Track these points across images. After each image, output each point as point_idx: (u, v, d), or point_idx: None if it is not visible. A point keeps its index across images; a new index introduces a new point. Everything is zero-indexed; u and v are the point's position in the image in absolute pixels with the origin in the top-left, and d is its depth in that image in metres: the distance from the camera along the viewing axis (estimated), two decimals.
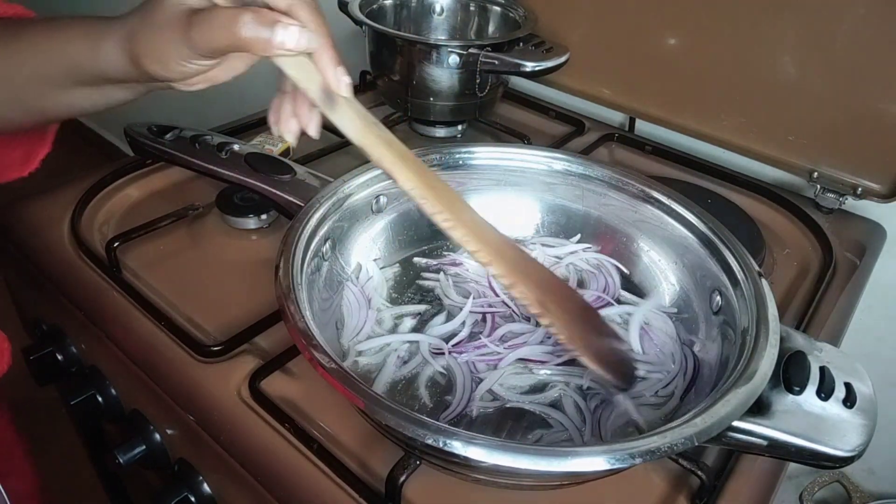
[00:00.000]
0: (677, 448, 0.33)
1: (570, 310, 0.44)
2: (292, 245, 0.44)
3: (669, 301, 0.52)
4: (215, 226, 0.65)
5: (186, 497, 0.51)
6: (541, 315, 0.42)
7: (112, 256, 0.57)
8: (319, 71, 0.36)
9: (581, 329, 0.43)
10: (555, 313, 0.42)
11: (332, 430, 0.46)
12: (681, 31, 0.76)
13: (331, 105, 0.37)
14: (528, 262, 0.44)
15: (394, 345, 0.48)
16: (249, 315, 0.53)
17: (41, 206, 0.65)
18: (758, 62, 0.72)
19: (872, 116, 0.67)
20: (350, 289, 0.50)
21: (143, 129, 0.59)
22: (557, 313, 0.42)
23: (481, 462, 0.32)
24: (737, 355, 0.40)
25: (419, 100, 0.78)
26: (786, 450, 0.36)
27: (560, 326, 0.42)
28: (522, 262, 0.43)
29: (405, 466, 0.39)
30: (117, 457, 0.53)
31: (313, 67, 0.36)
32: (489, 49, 0.72)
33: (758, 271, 0.44)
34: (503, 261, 0.41)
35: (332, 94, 0.37)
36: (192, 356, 0.50)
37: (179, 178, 0.70)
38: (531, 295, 0.42)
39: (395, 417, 0.33)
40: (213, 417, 0.47)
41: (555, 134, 0.85)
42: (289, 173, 0.54)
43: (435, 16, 0.89)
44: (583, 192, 0.55)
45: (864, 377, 0.39)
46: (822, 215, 0.71)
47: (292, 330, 0.38)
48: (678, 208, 0.50)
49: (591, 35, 0.83)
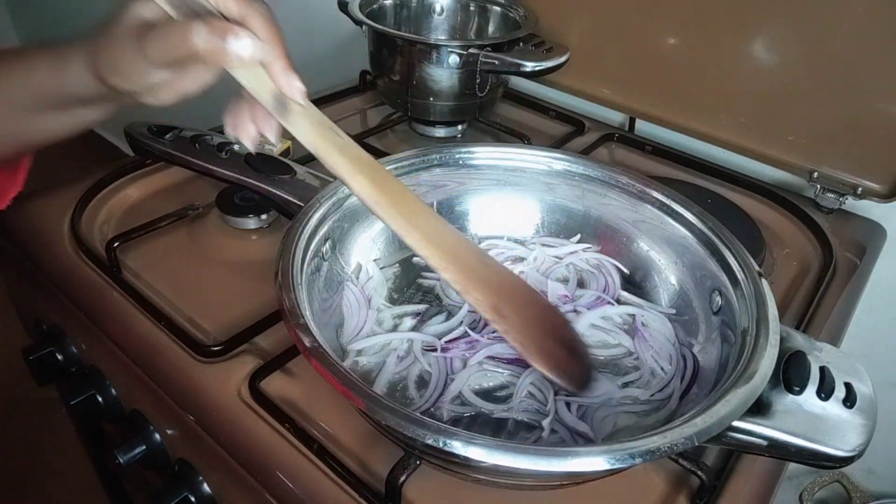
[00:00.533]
0: (677, 448, 0.33)
1: (528, 315, 0.44)
2: (292, 245, 0.44)
3: (669, 301, 0.52)
4: (215, 226, 0.65)
5: (186, 497, 0.51)
6: (494, 321, 0.42)
7: (112, 256, 0.57)
8: (272, 79, 0.36)
9: (538, 335, 0.43)
10: (510, 319, 0.42)
11: (332, 430, 0.46)
12: (680, 31, 0.76)
13: (283, 112, 0.38)
14: (486, 267, 0.43)
15: (394, 344, 0.48)
16: (249, 315, 0.53)
17: (41, 206, 0.65)
18: (758, 62, 0.72)
19: (872, 116, 0.67)
20: (350, 289, 0.50)
21: (143, 129, 0.59)
22: (513, 319, 0.42)
23: (481, 462, 0.32)
24: (737, 355, 0.40)
25: (419, 100, 0.78)
26: (786, 450, 0.36)
27: (514, 333, 0.42)
28: (480, 267, 0.43)
29: (405, 466, 0.39)
30: (117, 457, 0.53)
31: (266, 75, 0.36)
32: (489, 49, 0.72)
33: (758, 271, 0.44)
34: (456, 266, 0.41)
35: (284, 101, 0.37)
36: (192, 356, 0.50)
37: (179, 178, 0.70)
38: (485, 301, 0.42)
39: (395, 417, 0.33)
40: (213, 417, 0.47)
41: (555, 134, 0.85)
42: (289, 173, 0.54)
43: (435, 16, 0.89)
44: (583, 192, 0.55)
45: (864, 377, 0.39)
46: (822, 215, 0.71)
47: (292, 330, 0.38)
48: (678, 208, 0.50)
49: (591, 35, 0.83)
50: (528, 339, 0.43)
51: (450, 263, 0.41)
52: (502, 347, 0.47)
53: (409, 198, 0.41)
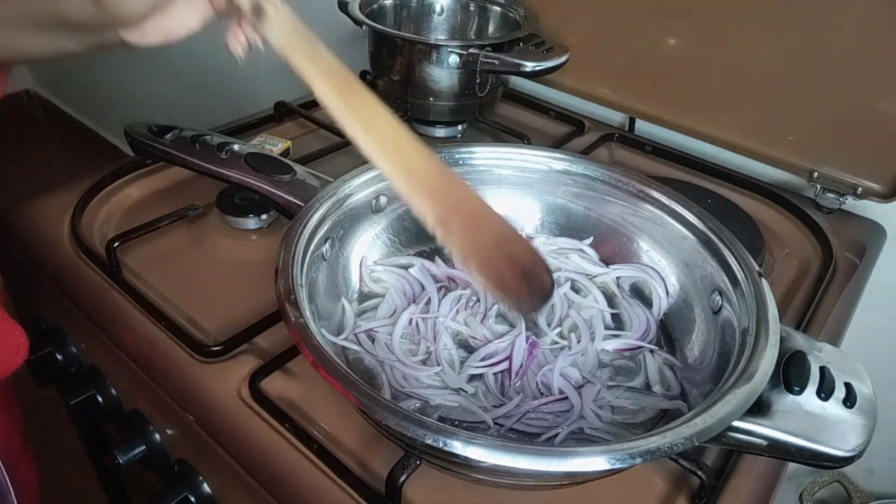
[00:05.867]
0: (677, 448, 0.33)
1: (480, 231, 0.44)
2: (292, 245, 0.44)
3: (669, 301, 0.52)
4: (215, 226, 0.65)
5: (186, 497, 0.51)
6: (438, 231, 0.42)
7: (112, 256, 0.57)
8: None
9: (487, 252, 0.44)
10: (455, 232, 0.43)
11: (332, 430, 0.46)
12: (681, 31, 0.76)
13: (260, 19, 0.39)
14: (441, 179, 0.44)
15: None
16: (249, 315, 0.53)
17: (41, 206, 0.65)
18: (758, 62, 0.72)
19: (872, 116, 0.67)
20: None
21: (143, 129, 0.59)
22: (459, 233, 0.43)
23: (481, 462, 0.32)
24: (737, 355, 0.40)
25: (419, 100, 0.78)
26: (786, 450, 0.36)
27: (458, 246, 0.43)
28: (435, 178, 0.43)
29: (405, 466, 0.39)
30: (117, 457, 0.53)
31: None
32: (489, 49, 0.72)
33: (758, 271, 0.44)
34: (406, 172, 0.42)
35: (261, 8, 0.39)
36: (192, 356, 0.50)
37: (179, 178, 0.70)
38: (430, 209, 0.42)
39: (395, 417, 0.33)
40: (213, 417, 0.47)
41: (555, 134, 0.85)
42: (289, 173, 0.54)
43: (435, 16, 0.89)
44: (583, 192, 0.55)
45: (864, 377, 0.39)
46: (822, 215, 0.71)
47: (292, 330, 0.38)
48: (678, 208, 0.50)
49: (591, 35, 0.83)
50: (472, 254, 0.43)
51: (398, 168, 0.42)
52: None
53: (370, 106, 0.42)
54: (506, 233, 0.46)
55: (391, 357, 0.47)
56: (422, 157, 0.43)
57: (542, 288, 0.46)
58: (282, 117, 0.82)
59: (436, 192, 0.43)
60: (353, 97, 0.42)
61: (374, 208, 0.53)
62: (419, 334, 0.50)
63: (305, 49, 0.41)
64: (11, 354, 0.53)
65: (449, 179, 0.44)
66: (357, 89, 0.42)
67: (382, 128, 0.42)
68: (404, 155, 0.43)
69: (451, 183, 0.44)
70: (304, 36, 0.41)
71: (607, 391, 0.46)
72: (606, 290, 0.54)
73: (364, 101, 0.42)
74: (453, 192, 0.44)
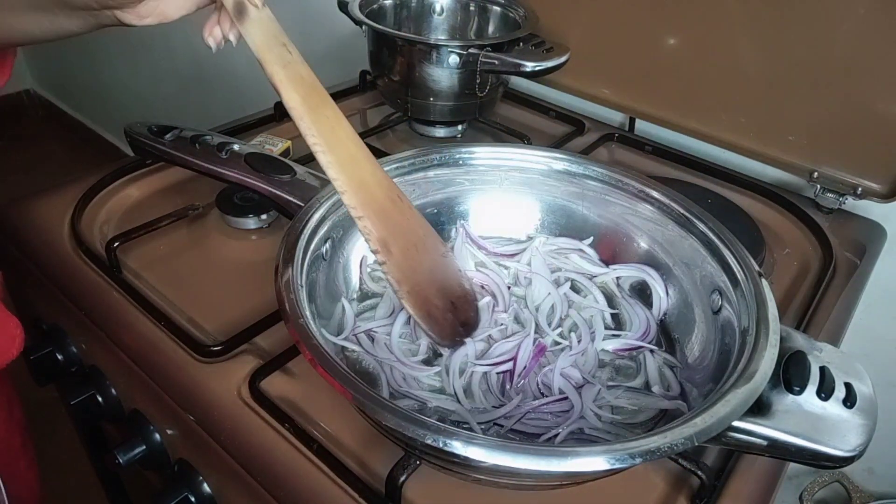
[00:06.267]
0: (677, 448, 0.33)
1: (417, 260, 0.46)
2: (292, 245, 0.44)
3: (669, 301, 0.52)
4: (215, 226, 0.65)
5: (186, 497, 0.51)
6: (378, 253, 0.44)
7: (112, 256, 0.57)
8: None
9: (420, 279, 0.46)
10: (395, 257, 0.44)
11: (332, 430, 0.46)
12: (680, 31, 0.76)
13: (240, 16, 0.40)
14: (392, 205, 0.45)
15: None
16: (249, 315, 0.53)
17: (41, 206, 0.65)
18: (758, 62, 0.72)
19: (872, 116, 0.67)
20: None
21: (143, 129, 0.59)
22: (398, 258, 0.44)
23: (481, 462, 0.32)
24: (737, 355, 0.40)
25: (419, 100, 0.78)
26: (786, 450, 0.36)
27: (394, 270, 0.44)
28: (386, 203, 0.44)
29: (405, 466, 0.39)
30: (117, 457, 0.53)
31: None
32: (489, 49, 0.72)
33: (758, 271, 0.44)
34: (357, 193, 0.43)
35: (243, 6, 0.39)
36: (192, 356, 0.50)
37: (179, 178, 0.70)
38: (375, 231, 0.43)
39: (395, 417, 0.33)
40: (213, 417, 0.47)
41: (555, 134, 0.85)
42: (289, 173, 0.54)
43: (435, 16, 0.89)
44: (583, 192, 0.55)
45: (864, 377, 0.39)
46: (822, 215, 0.71)
47: (292, 330, 0.38)
48: (678, 208, 0.50)
49: (591, 35, 0.83)
50: (405, 279, 0.44)
51: (352, 188, 0.43)
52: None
53: (335, 121, 0.43)
54: (443, 264, 0.48)
55: (391, 357, 0.47)
56: (376, 177, 0.44)
57: (466, 322, 0.48)
58: (282, 117, 0.82)
59: (383, 214, 0.44)
60: (318, 108, 0.42)
61: None
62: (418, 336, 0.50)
63: (279, 54, 0.41)
64: (6, 346, 0.53)
65: (398, 204, 0.46)
66: (323, 100, 0.42)
67: (343, 142, 0.43)
68: (360, 173, 0.43)
69: (400, 207, 0.46)
70: (280, 41, 0.41)
71: (607, 391, 0.46)
72: (606, 290, 0.54)
73: (328, 114, 0.43)
74: (400, 217, 0.45)
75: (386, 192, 0.45)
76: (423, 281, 0.46)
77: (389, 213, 0.45)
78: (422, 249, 0.47)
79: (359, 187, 0.43)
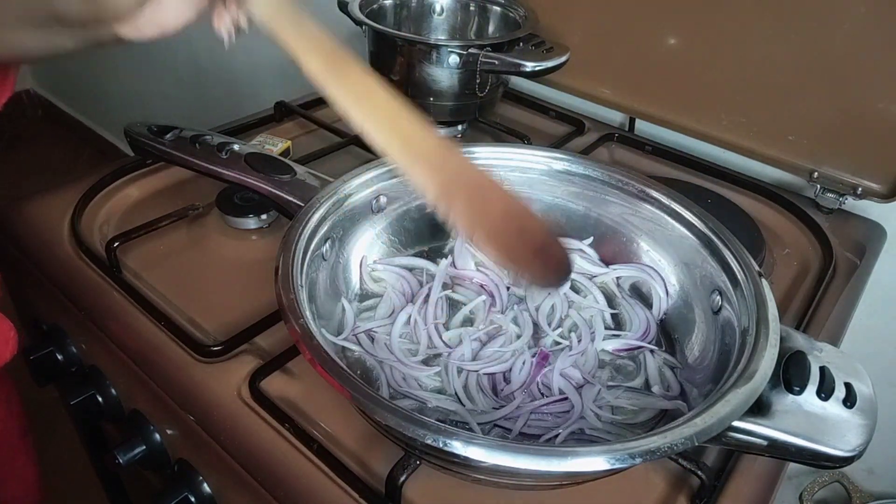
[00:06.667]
0: (677, 448, 0.33)
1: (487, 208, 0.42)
2: (292, 245, 0.44)
3: (669, 301, 0.52)
4: (215, 226, 0.65)
5: (186, 497, 0.51)
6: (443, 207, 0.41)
7: (112, 256, 0.57)
8: None
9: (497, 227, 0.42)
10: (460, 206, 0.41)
11: (332, 430, 0.46)
12: (681, 31, 0.76)
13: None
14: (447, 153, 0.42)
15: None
16: (249, 315, 0.53)
17: (41, 206, 0.65)
18: (758, 62, 0.72)
19: (872, 116, 0.67)
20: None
21: (143, 129, 0.59)
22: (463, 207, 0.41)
23: (481, 462, 0.32)
24: (737, 355, 0.40)
25: (419, 100, 0.78)
26: (786, 450, 0.36)
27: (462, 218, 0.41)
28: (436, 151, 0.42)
29: (405, 466, 0.39)
30: (117, 457, 0.53)
31: None
32: (489, 49, 0.72)
33: (758, 271, 0.44)
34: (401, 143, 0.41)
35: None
36: (192, 356, 0.50)
37: (179, 178, 0.70)
38: (432, 182, 0.41)
39: (395, 417, 0.33)
40: (212, 417, 0.47)
41: (555, 134, 0.85)
42: (289, 173, 0.54)
43: (435, 16, 0.89)
44: (583, 192, 0.55)
45: (864, 377, 0.39)
46: (822, 215, 0.71)
47: (292, 330, 0.38)
48: (678, 208, 0.50)
49: (591, 35, 0.83)
50: (479, 224, 0.42)
51: (394, 140, 0.40)
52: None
53: (364, 79, 0.41)
54: (515, 207, 0.44)
55: (390, 357, 0.47)
56: (419, 127, 0.41)
57: (558, 263, 0.44)
58: (282, 117, 0.82)
59: (436, 163, 0.41)
60: (344, 69, 0.40)
61: (374, 208, 0.53)
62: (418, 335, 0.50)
63: (291, 22, 0.39)
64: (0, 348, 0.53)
65: (449, 151, 0.43)
66: (347, 61, 0.40)
67: (375, 99, 0.41)
68: (400, 126, 0.41)
69: (453, 154, 0.43)
70: (290, 9, 0.40)
71: (607, 391, 0.46)
72: (606, 291, 0.54)
73: (355, 73, 0.40)
74: (455, 163, 0.43)
75: (433, 140, 0.42)
76: (498, 226, 0.43)
77: (443, 160, 0.42)
78: (488, 194, 0.43)
79: (403, 142, 0.41)
